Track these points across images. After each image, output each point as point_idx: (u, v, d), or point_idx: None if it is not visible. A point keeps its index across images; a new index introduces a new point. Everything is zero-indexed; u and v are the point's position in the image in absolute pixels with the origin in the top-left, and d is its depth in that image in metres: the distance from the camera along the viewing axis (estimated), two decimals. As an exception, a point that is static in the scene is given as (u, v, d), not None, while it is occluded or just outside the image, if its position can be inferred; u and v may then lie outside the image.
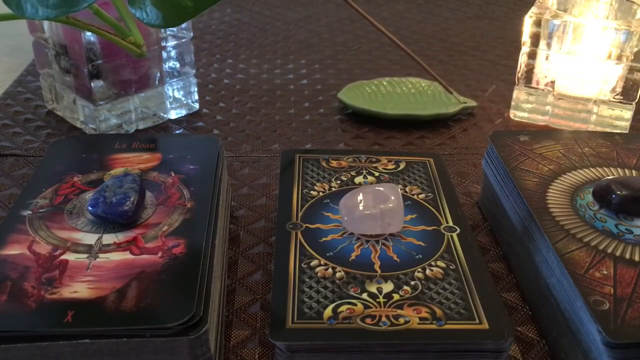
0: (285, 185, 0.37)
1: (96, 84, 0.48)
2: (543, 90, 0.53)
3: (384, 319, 0.27)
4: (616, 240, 0.31)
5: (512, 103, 0.55)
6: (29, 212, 0.32)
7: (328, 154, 0.41)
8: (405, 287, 0.29)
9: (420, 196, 0.37)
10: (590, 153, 0.39)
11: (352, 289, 0.29)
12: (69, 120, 0.52)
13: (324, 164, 0.39)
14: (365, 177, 0.38)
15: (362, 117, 0.54)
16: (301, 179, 0.38)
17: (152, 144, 0.38)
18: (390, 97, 0.56)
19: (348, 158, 0.40)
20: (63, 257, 0.29)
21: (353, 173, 0.38)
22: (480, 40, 0.76)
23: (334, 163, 0.39)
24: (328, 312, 0.28)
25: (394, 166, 0.39)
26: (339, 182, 0.38)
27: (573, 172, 0.37)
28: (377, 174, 0.39)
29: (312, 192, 0.36)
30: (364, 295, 0.29)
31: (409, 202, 0.36)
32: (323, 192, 0.36)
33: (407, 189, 0.37)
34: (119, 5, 0.44)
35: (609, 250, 0.31)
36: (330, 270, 0.30)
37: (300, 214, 0.34)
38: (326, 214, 0.35)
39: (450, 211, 0.35)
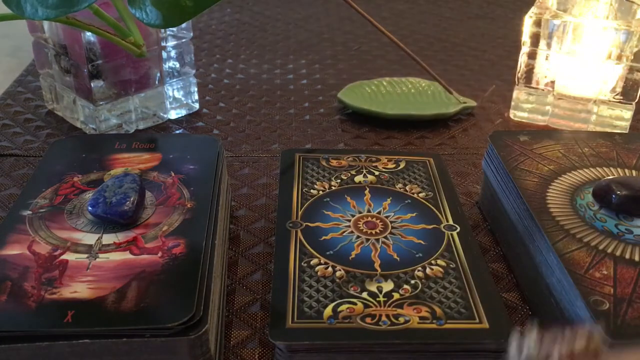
0: (285, 185, 0.37)
1: (96, 84, 0.48)
2: (543, 90, 0.53)
3: (384, 318, 0.27)
4: (616, 240, 0.31)
5: (512, 103, 0.55)
6: (29, 212, 0.32)
7: (328, 153, 0.41)
8: (405, 286, 0.29)
9: (421, 195, 0.37)
10: (590, 153, 0.39)
11: (352, 288, 0.29)
12: (69, 120, 0.52)
13: (324, 163, 0.39)
14: (365, 176, 0.38)
15: (362, 117, 0.54)
16: (301, 178, 0.38)
17: (152, 144, 0.38)
18: (390, 97, 0.56)
19: (348, 157, 0.40)
20: (63, 257, 0.29)
21: (353, 172, 0.38)
22: (480, 40, 0.76)
23: (334, 162, 0.39)
24: (328, 311, 0.28)
25: (394, 165, 0.39)
26: (339, 181, 0.38)
27: (573, 172, 0.37)
28: (377, 173, 0.39)
29: (312, 190, 0.36)
30: (364, 295, 0.29)
31: (409, 201, 0.36)
32: (323, 191, 0.37)
33: (407, 188, 0.37)
34: (119, 5, 0.44)
35: (609, 250, 0.31)
36: (330, 269, 0.30)
37: (300, 213, 0.34)
38: (326, 212, 0.35)
39: (451, 210, 0.35)
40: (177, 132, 0.52)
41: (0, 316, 0.25)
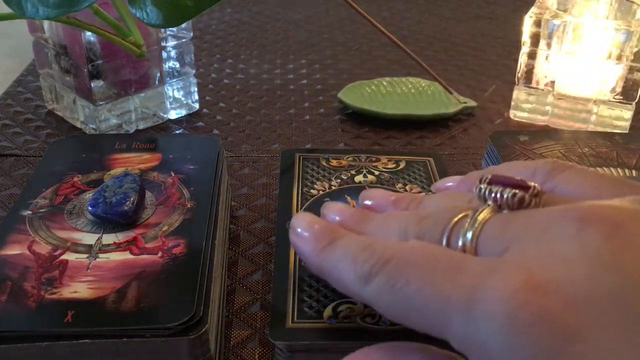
0: (285, 185, 0.37)
1: (96, 84, 0.48)
2: (543, 90, 0.53)
3: (384, 318, 0.27)
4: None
5: (512, 103, 0.55)
6: (29, 212, 0.32)
7: (328, 153, 0.41)
8: None
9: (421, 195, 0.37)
10: (590, 153, 0.39)
11: None
12: (69, 120, 0.52)
13: (324, 163, 0.39)
14: (365, 176, 0.38)
15: (362, 117, 0.54)
16: (301, 177, 0.38)
17: (152, 144, 0.38)
18: (390, 97, 0.56)
19: (348, 157, 0.40)
20: (63, 257, 0.29)
21: (353, 172, 0.38)
22: (480, 40, 0.76)
23: (334, 162, 0.39)
24: (328, 311, 0.28)
25: (394, 165, 0.39)
26: (339, 180, 0.38)
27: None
28: (377, 172, 0.39)
29: (312, 190, 0.36)
30: None
31: None
32: (323, 191, 0.36)
33: (407, 188, 0.37)
34: (119, 5, 0.44)
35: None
36: None
37: None
38: None
39: None
40: (177, 132, 0.52)
41: (0, 316, 0.25)
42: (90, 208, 0.31)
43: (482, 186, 0.23)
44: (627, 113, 0.51)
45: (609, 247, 0.18)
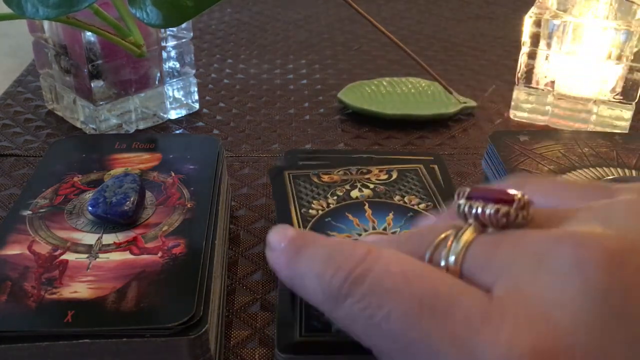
0: (281, 207, 0.35)
1: (96, 84, 0.48)
2: (543, 90, 0.53)
3: None
4: (616, 240, 0.31)
5: (512, 103, 0.55)
6: (29, 212, 0.32)
7: (317, 168, 0.39)
8: None
9: (420, 206, 0.35)
10: (590, 153, 0.39)
11: None
12: (69, 120, 0.52)
13: (315, 179, 0.38)
14: (360, 190, 0.37)
15: (362, 117, 0.54)
16: (296, 197, 0.36)
17: (152, 144, 0.38)
18: (390, 97, 0.56)
19: (339, 171, 0.38)
20: (63, 257, 0.29)
21: (347, 187, 0.37)
22: (480, 40, 0.76)
23: (325, 178, 0.38)
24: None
25: (386, 176, 0.38)
26: (335, 197, 0.36)
27: (573, 172, 0.37)
28: (371, 186, 0.37)
29: (310, 211, 0.35)
30: None
31: (412, 214, 0.34)
32: (322, 210, 0.35)
33: (405, 199, 0.36)
34: (119, 5, 0.44)
35: (609, 250, 0.31)
36: None
37: None
38: (331, 233, 0.33)
39: None
40: (177, 132, 0.52)
41: (0, 316, 0.25)
42: (90, 208, 0.31)
43: (460, 202, 0.21)
44: (627, 113, 0.51)
45: (615, 289, 0.16)
